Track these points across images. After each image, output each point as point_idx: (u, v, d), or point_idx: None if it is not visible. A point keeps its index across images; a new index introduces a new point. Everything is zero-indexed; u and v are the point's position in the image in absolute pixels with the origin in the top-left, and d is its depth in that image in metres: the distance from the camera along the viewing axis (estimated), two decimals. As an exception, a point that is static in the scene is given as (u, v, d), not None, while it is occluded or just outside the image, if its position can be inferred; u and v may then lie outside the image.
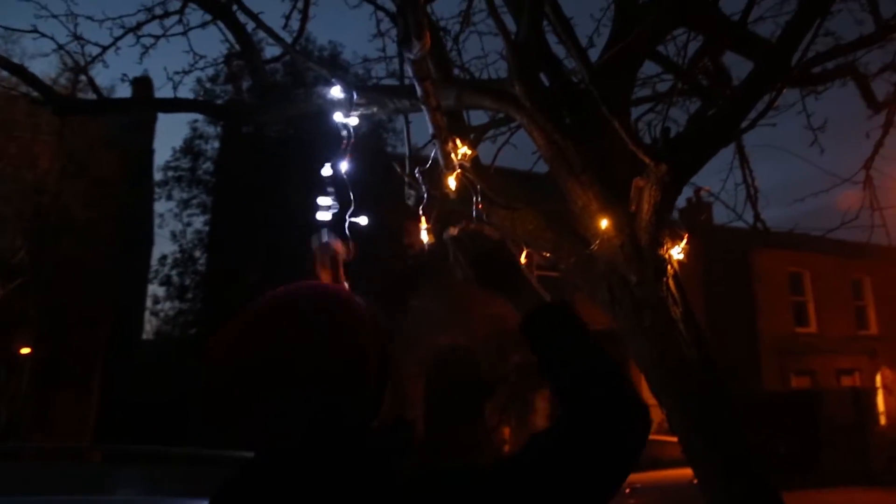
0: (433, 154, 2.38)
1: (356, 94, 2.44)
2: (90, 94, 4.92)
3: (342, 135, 2.01)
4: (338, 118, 2.16)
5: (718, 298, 18.63)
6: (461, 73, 3.96)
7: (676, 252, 2.50)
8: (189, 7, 3.98)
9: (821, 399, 16.18)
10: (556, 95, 2.83)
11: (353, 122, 2.15)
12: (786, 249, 18.30)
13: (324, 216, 1.80)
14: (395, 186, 3.00)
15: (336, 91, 2.42)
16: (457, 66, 3.92)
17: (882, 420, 17.96)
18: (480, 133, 3.49)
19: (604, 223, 2.47)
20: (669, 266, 2.49)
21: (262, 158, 14.21)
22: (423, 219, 2.18)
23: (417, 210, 2.23)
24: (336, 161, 1.90)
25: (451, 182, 2.32)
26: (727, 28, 3.20)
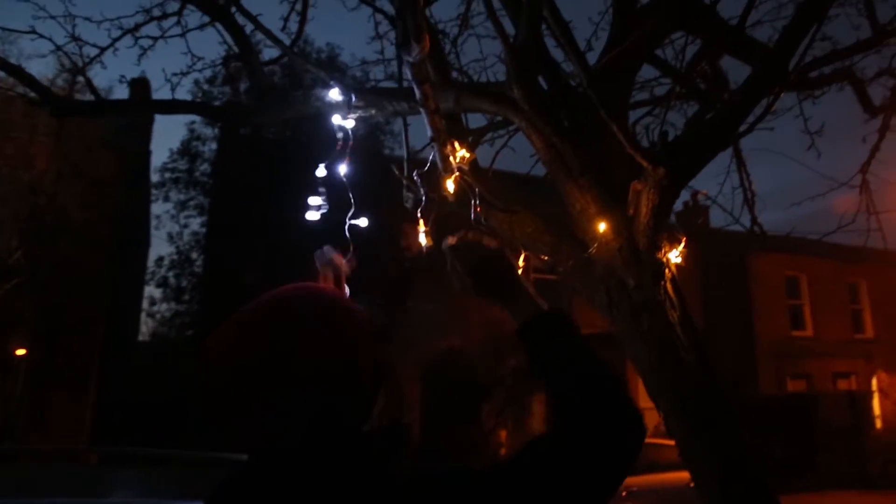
0: (431, 157, 2.38)
1: (354, 97, 2.44)
2: (87, 95, 4.91)
3: (339, 137, 2.01)
4: (336, 120, 2.16)
5: (715, 302, 18.65)
6: (459, 76, 3.96)
7: (674, 255, 2.51)
8: (187, 9, 3.98)
9: (817, 402, 16.20)
10: (555, 99, 2.83)
11: (351, 125, 2.15)
12: (782, 253, 18.34)
13: (313, 216, 1.81)
14: (393, 189, 3.00)
15: (334, 93, 2.43)
16: (455, 69, 3.92)
17: (878, 423, 17.98)
18: (478, 136, 3.49)
19: (602, 226, 2.47)
20: (667, 269, 2.49)
21: (260, 160, 14.18)
22: (422, 221, 2.18)
23: (415, 213, 2.24)
24: (330, 162, 1.90)
25: (450, 185, 2.32)
26: (725, 32, 3.21)
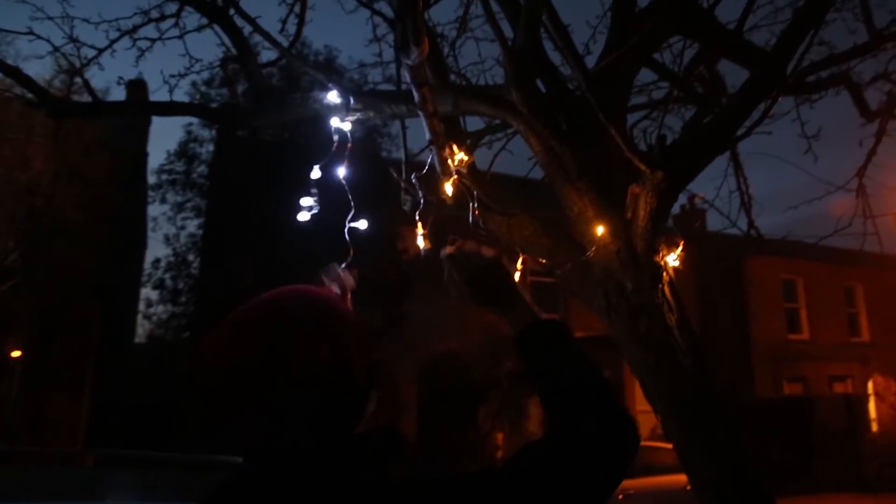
0: (430, 160, 2.38)
1: (353, 99, 2.44)
2: (85, 97, 4.90)
3: (335, 139, 2.01)
4: (334, 123, 2.16)
5: (712, 305, 18.68)
6: (458, 79, 3.96)
7: (672, 259, 2.51)
8: (185, 10, 3.98)
9: (813, 406, 16.22)
10: (553, 102, 2.84)
11: (348, 127, 2.15)
12: (779, 256, 18.39)
13: (304, 217, 1.81)
14: (390, 191, 3.00)
15: (333, 96, 2.43)
16: (453, 72, 3.93)
17: (874, 427, 18.01)
18: (477, 139, 3.50)
19: (600, 230, 2.47)
20: (665, 273, 2.49)
21: (257, 162, 14.16)
22: (420, 224, 2.18)
23: (414, 215, 2.23)
24: (325, 164, 1.90)
25: (448, 188, 2.32)
26: (723, 36, 3.22)
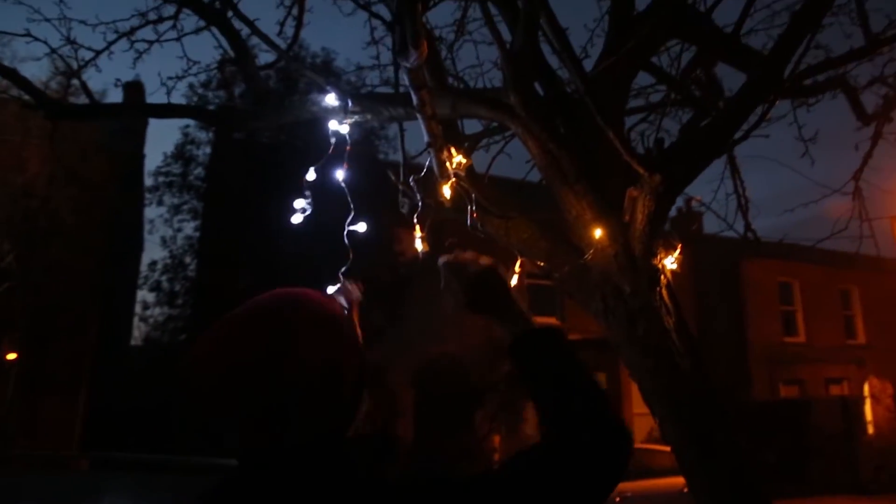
0: (428, 162, 2.38)
1: (351, 102, 2.44)
2: (81, 98, 4.89)
3: (332, 142, 2.01)
4: (332, 126, 2.15)
5: (708, 308, 18.70)
6: (455, 82, 3.96)
7: (670, 262, 2.51)
8: (183, 13, 3.97)
9: (809, 408, 16.24)
10: (551, 105, 2.84)
11: (346, 130, 2.14)
12: (776, 259, 18.40)
13: (297, 219, 1.81)
14: (387, 194, 2.99)
15: (331, 98, 2.43)
16: (451, 75, 3.93)
17: (870, 429, 18.01)
18: (474, 142, 3.50)
19: (598, 233, 2.47)
20: (663, 276, 2.49)
21: (254, 164, 14.16)
22: (418, 227, 2.18)
23: (411, 218, 2.23)
24: (321, 166, 1.90)
25: (446, 191, 2.32)
26: (720, 40, 3.23)
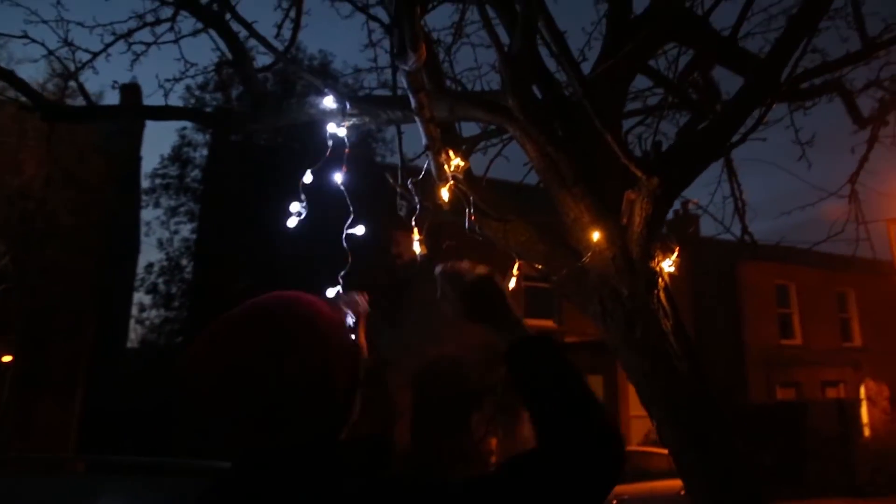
0: (426, 165, 2.38)
1: (349, 105, 2.44)
2: (78, 100, 4.88)
3: (329, 144, 2.01)
4: (331, 128, 2.16)
5: (705, 310, 18.72)
6: (453, 85, 3.97)
7: (667, 265, 2.52)
8: (180, 15, 3.97)
9: (806, 411, 16.27)
10: (549, 108, 2.84)
11: (344, 133, 2.15)
12: (772, 262, 18.42)
13: (292, 223, 1.81)
14: (384, 196, 2.99)
15: (328, 101, 2.43)
16: (449, 78, 3.93)
17: (866, 432, 18.04)
18: (472, 144, 3.50)
19: (595, 235, 2.47)
20: (660, 279, 2.49)
21: (251, 167, 14.15)
22: (416, 230, 2.18)
23: (410, 221, 2.24)
24: (318, 169, 1.90)
25: (444, 193, 2.32)
26: (717, 43, 3.24)
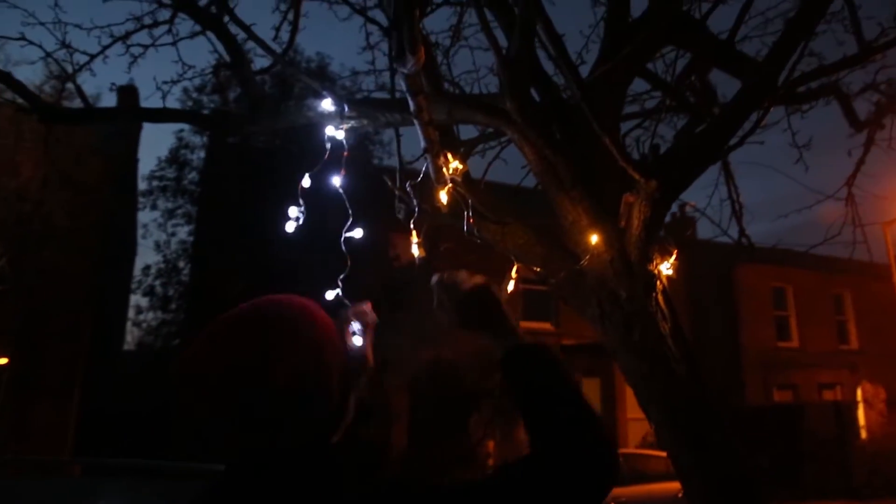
0: (424, 168, 2.38)
1: (347, 107, 2.44)
2: (75, 102, 4.88)
3: (327, 147, 2.01)
4: (329, 131, 2.15)
5: (702, 313, 18.75)
6: (451, 88, 3.97)
7: (665, 268, 2.52)
8: (178, 17, 3.97)
9: (802, 413, 16.31)
10: (547, 111, 2.85)
11: (342, 135, 2.14)
12: (769, 264, 18.49)
13: (290, 227, 1.81)
14: (382, 199, 2.99)
15: (327, 104, 2.43)
16: (447, 81, 3.94)
17: (863, 434, 18.09)
18: (470, 147, 3.51)
19: (594, 238, 2.48)
20: (658, 281, 2.50)
21: (248, 169, 14.13)
22: (414, 233, 2.18)
23: (408, 224, 2.24)
24: (317, 173, 1.90)
25: (443, 196, 2.32)
26: (715, 46, 3.24)
